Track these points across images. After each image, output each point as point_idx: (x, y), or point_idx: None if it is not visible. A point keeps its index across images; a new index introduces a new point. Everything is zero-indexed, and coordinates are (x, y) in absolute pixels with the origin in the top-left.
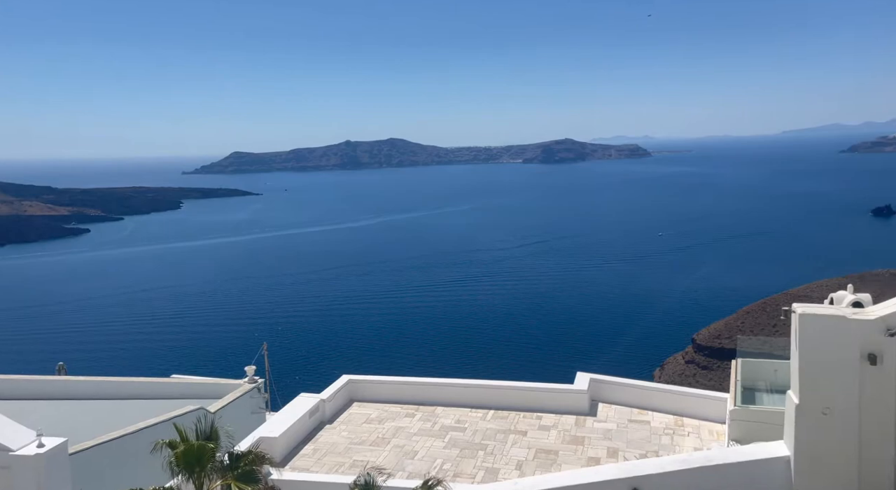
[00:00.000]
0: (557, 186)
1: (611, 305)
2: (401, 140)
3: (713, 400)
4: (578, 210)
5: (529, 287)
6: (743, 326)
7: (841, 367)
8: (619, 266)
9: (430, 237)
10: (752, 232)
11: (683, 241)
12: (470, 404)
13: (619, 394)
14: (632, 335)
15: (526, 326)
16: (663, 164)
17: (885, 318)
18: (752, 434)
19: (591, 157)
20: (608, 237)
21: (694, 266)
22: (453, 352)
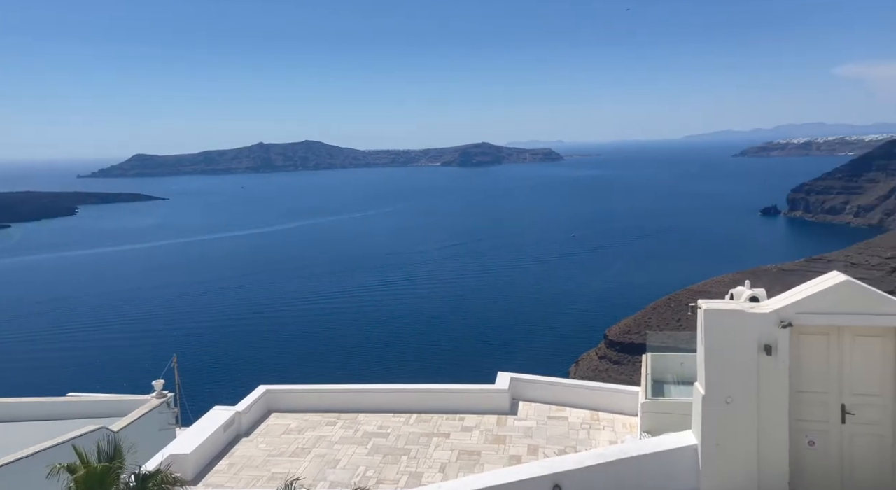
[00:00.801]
0: (475, 189)
1: (528, 305)
2: (317, 142)
3: (626, 394)
4: (496, 212)
5: (449, 289)
6: (651, 322)
7: (741, 359)
8: (535, 267)
9: (349, 241)
10: (657, 231)
11: (595, 242)
12: (392, 409)
13: (539, 392)
14: (548, 333)
15: (447, 329)
16: (575, 167)
17: (779, 311)
18: (663, 425)
19: (507, 160)
20: (524, 239)
21: (605, 265)
22: (375, 357)
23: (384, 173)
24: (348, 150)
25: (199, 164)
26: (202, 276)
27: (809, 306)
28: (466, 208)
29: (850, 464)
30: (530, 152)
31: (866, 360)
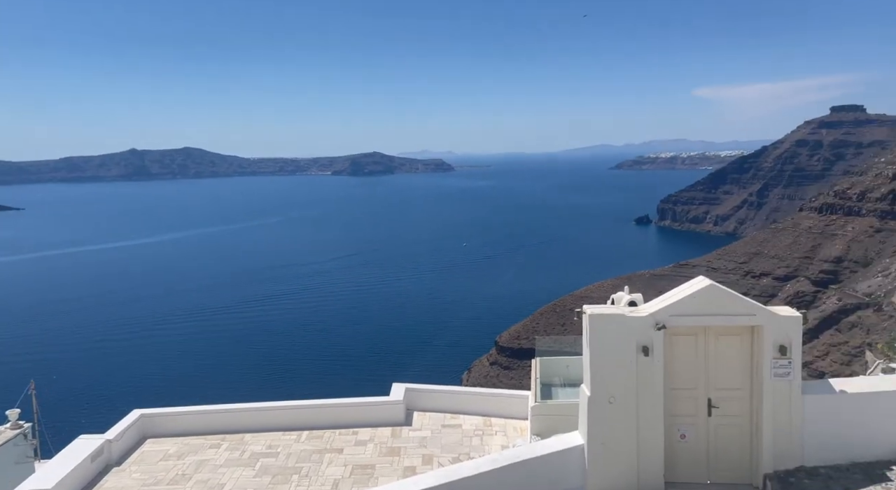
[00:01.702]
0: (368, 199)
1: (422, 315)
2: (197, 149)
3: (517, 398)
4: (389, 222)
5: (342, 301)
6: (538, 327)
7: (622, 360)
8: (428, 276)
9: (234, 253)
10: (542, 240)
11: (485, 251)
12: (282, 427)
13: (433, 401)
14: (442, 342)
15: (340, 342)
16: (466, 178)
17: (654, 314)
18: (552, 427)
19: (399, 170)
20: (417, 248)
21: (495, 273)
22: (263, 374)
23: (272, 182)
24: (232, 158)
25: (61, 171)
26: (63, 295)
27: (680, 309)
28: (359, 218)
29: (715, 453)
30: (422, 163)
31: (728, 357)
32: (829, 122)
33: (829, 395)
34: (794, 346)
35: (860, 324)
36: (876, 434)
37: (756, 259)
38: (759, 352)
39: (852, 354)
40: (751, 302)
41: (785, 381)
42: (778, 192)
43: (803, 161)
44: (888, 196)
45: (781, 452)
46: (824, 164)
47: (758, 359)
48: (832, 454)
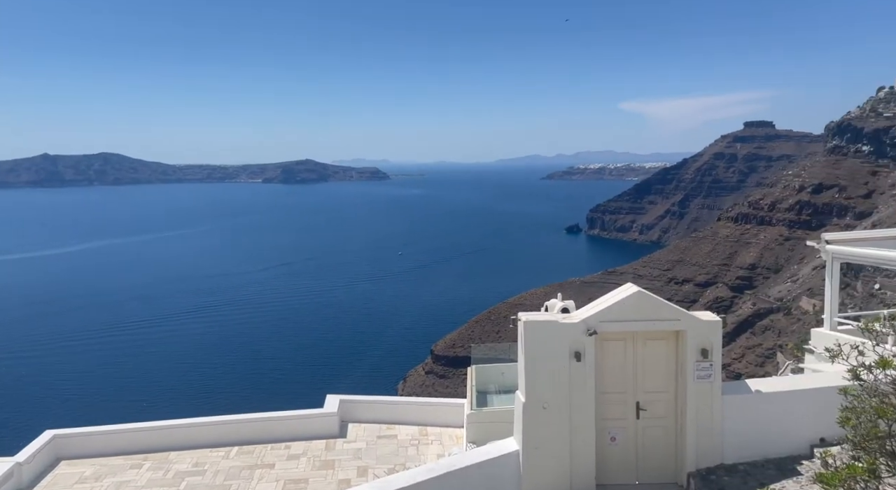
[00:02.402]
0: (300, 207)
1: (356, 325)
2: (116, 155)
3: (452, 406)
4: (322, 231)
5: (274, 312)
6: (473, 335)
7: (556, 366)
8: (363, 286)
9: (158, 263)
10: (477, 248)
11: (421, 259)
12: (210, 444)
13: (368, 412)
14: (377, 352)
15: (273, 354)
16: (401, 186)
17: (586, 320)
18: (488, 434)
19: (333, 178)
20: (351, 258)
21: (430, 282)
22: (190, 389)
23: (199, 190)
24: (155, 165)
25: None
26: None
27: (610, 315)
28: (291, 227)
29: (643, 454)
30: (357, 170)
31: (654, 361)
32: (742, 137)
33: (746, 395)
34: (715, 349)
35: (772, 327)
36: (787, 431)
37: (679, 266)
38: (683, 355)
39: (765, 356)
40: (675, 307)
41: (707, 382)
42: (698, 202)
43: (720, 173)
44: (795, 206)
45: (703, 451)
46: (739, 176)
47: (682, 362)
48: (749, 451)
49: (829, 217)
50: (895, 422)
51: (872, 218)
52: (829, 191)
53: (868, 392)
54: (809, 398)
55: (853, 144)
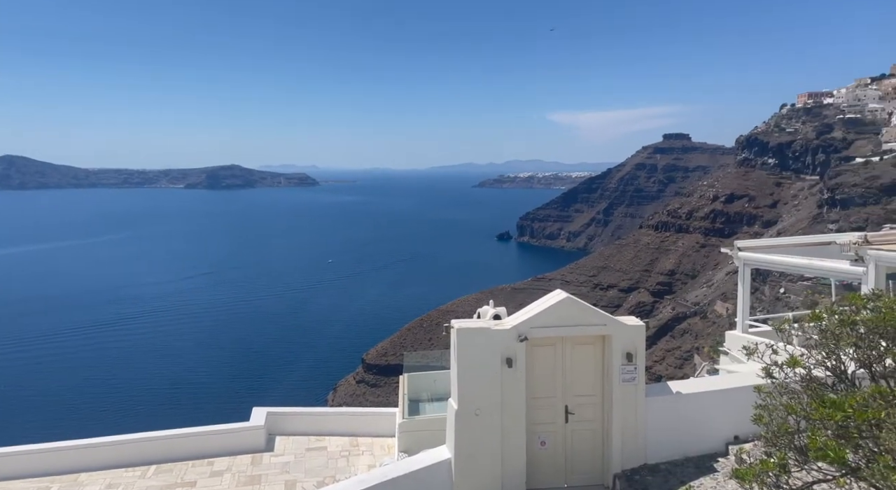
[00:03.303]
0: (225, 214)
1: (284, 335)
2: (21, 157)
3: (384, 416)
4: (248, 238)
5: (197, 323)
6: (406, 342)
7: (488, 372)
8: (291, 295)
9: (69, 273)
10: (409, 256)
11: (352, 268)
12: (125, 463)
13: (297, 424)
14: (307, 362)
15: (195, 367)
16: (331, 193)
17: (517, 326)
18: (420, 443)
19: (261, 184)
20: (280, 266)
21: (362, 290)
22: (104, 406)
23: (115, 195)
24: (65, 168)
25: None
26: None
27: (540, 321)
28: (215, 234)
29: (571, 457)
30: (285, 177)
31: (582, 365)
32: (662, 148)
33: (668, 396)
34: (639, 352)
35: (690, 330)
36: (705, 430)
37: (603, 272)
38: (609, 359)
39: (684, 358)
40: (602, 313)
41: (631, 385)
42: (621, 210)
43: (642, 183)
44: (710, 215)
45: (628, 452)
46: (659, 185)
47: (608, 366)
48: (670, 451)
49: (740, 225)
50: (803, 418)
51: (777, 226)
52: (740, 200)
53: (779, 390)
54: (724, 398)
55: (760, 157)
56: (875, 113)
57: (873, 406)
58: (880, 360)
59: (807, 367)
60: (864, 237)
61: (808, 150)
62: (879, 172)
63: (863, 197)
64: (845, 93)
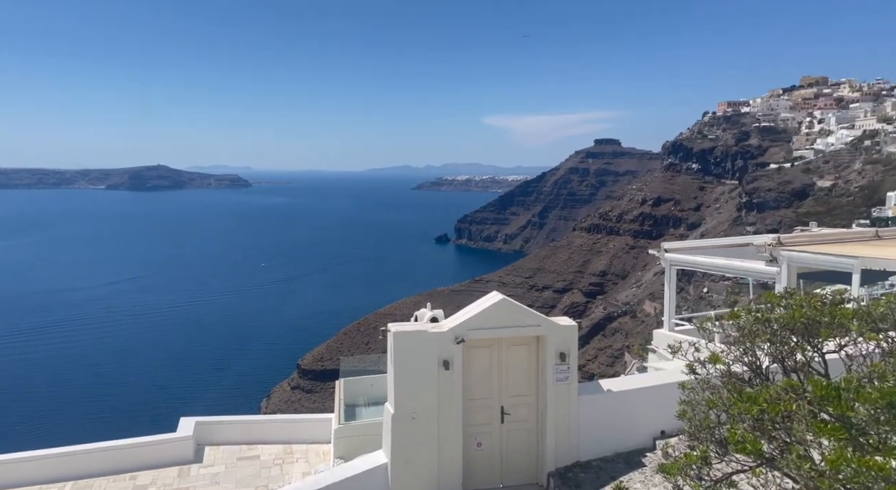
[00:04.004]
0: (151, 216)
1: (215, 342)
2: None
3: (320, 422)
4: (176, 242)
5: (121, 330)
6: (343, 347)
7: (425, 375)
8: (223, 300)
9: None
10: (347, 259)
11: (286, 271)
12: (38, 480)
13: (227, 433)
14: (239, 369)
15: (118, 377)
16: (265, 194)
17: (454, 328)
18: (357, 449)
19: (190, 185)
20: (210, 270)
21: (297, 294)
22: (17, 420)
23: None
24: None
25: None
26: None
27: (477, 323)
28: (141, 237)
29: (507, 457)
30: (216, 178)
31: (517, 366)
32: (593, 153)
33: (599, 394)
34: (572, 352)
35: (620, 329)
36: (634, 426)
37: (539, 274)
38: (543, 359)
39: (615, 356)
40: (537, 313)
41: (564, 384)
42: (556, 213)
43: (575, 186)
44: (639, 218)
45: (562, 451)
46: (591, 189)
47: (542, 366)
48: (602, 447)
49: (666, 227)
50: (724, 412)
51: (701, 228)
52: (667, 204)
53: (701, 386)
54: (652, 394)
55: (685, 162)
56: (787, 122)
57: (785, 399)
58: (791, 355)
59: (726, 364)
60: (777, 239)
61: (728, 156)
62: (791, 178)
63: (777, 201)
64: (760, 102)
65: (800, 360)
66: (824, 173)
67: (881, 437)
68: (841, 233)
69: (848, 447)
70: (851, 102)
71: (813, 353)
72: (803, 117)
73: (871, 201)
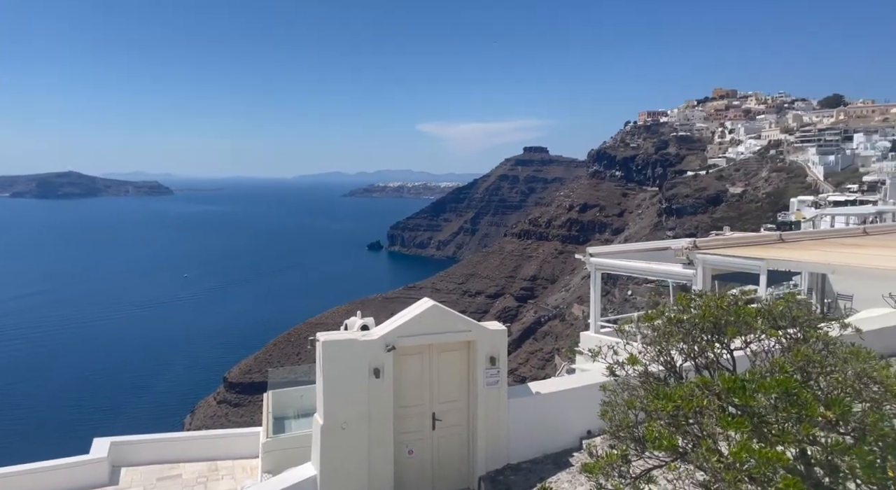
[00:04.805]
0: (62, 225)
1: (134, 357)
2: None
3: (247, 436)
4: (90, 253)
5: (30, 348)
6: (272, 358)
7: (355, 385)
8: (142, 313)
9: None
10: (277, 267)
11: (212, 281)
12: None
13: (146, 453)
14: (160, 385)
15: (28, 397)
16: (188, 202)
17: (384, 336)
18: (286, 462)
19: (105, 193)
20: (128, 282)
21: (223, 305)
22: None
23: None
24: None
25: None
26: None
27: (408, 330)
28: (50, 248)
29: (439, 463)
30: (134, 185)
31: (448, 372)
32: (523, 160)
33: (528, 397)
34: (502, 356)
35: (551, 332)
36: (562, 427)
37: (472, 279)
38: (474, 364)
39: (546, 359)
40: (467, 319)
41: (494, 388)
42: (487, 219)
43: (505, 193)
44: (567, 223)
45: (492, 454)
46: (521, 195)
47: (472, 371)
48: (531, 449)
49: (593, 233)
50: (642, 410)
51: (625, 233)
52: (592, 210)
53: (621, 386)
54: (578, 395)
55: (609, 170)
56: (701, 132)
57: (697, 395)
58: (703, 353)
59: (644, 364)
60: (692, 243)
61: (649, 163)
62: (706, 185)
63: (694, 206)
64: (677, 113)
65: (710, 357)
66: (735, 180)
67: (780, 425)
68: (750, 236)
69: (753, 438)
70: (758, 114)
71: (721, 350)
72: (716, 127)
73: (776, 207)
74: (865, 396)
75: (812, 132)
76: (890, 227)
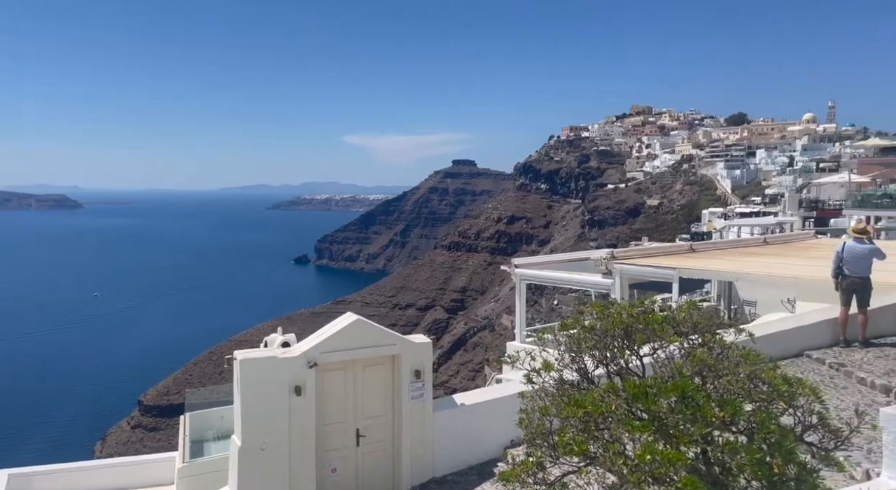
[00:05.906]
0: None
1: (36, 383)
2: None
3: (162, 462)
4: None
5: None
6: (192, 379)
7: (275, 404)
8: (45, 336)
9: None
10: (197, 284)
11: (124, 300)
12: None
13: (48, 484)
14: (67, 412)
15: None
16: (98, 216)
17: (306, 352)
18: (203, 488)
19: (4, 207)
20: (30, 302)
21: (138, 325)
22: None
23: None
24: None
25: None
26: None
27: (330, 345)
28: None
29: (363, 480)
30: (37, 198)
31: (373, 387)
32: (452, 173)
33: (453, 409)
34: (427, 369)
35: (480, 343)
36: (486, 437)
37: (402, 292)
38: (399, 378)
39: (476, 370)
40: (392, 333)
41: (420, 402)
42: (417, 232)
43: (435, 205)
44: (495, 235)
45: (417, 468)
46: (451, 208)
47: (398, 385)
48: (456, 461)
49: (520, 244)
50: (555, 417)
51: (550, 244)
52: (519, 221)
53: (538, 394)
54: (501, 405)
55: (534, 183)
56: (620, 146)
57: (607, 400)
58: (613, 359)
59: (558, 371)
60: (610, 253)
61: (572, 176)
62: (625, 197)
63: (614, 218)
64: (598, 128)
65: (621, 364)
66: (652, 193)
67: (678, 427)
68: (664, 247)
69: (660, 440)
70: (672, 130)
71: (631, 356)
72: (634, 142)
73: (690, 218)
74: (755, 397)
75: (720, 148)
76: (787, 237)
